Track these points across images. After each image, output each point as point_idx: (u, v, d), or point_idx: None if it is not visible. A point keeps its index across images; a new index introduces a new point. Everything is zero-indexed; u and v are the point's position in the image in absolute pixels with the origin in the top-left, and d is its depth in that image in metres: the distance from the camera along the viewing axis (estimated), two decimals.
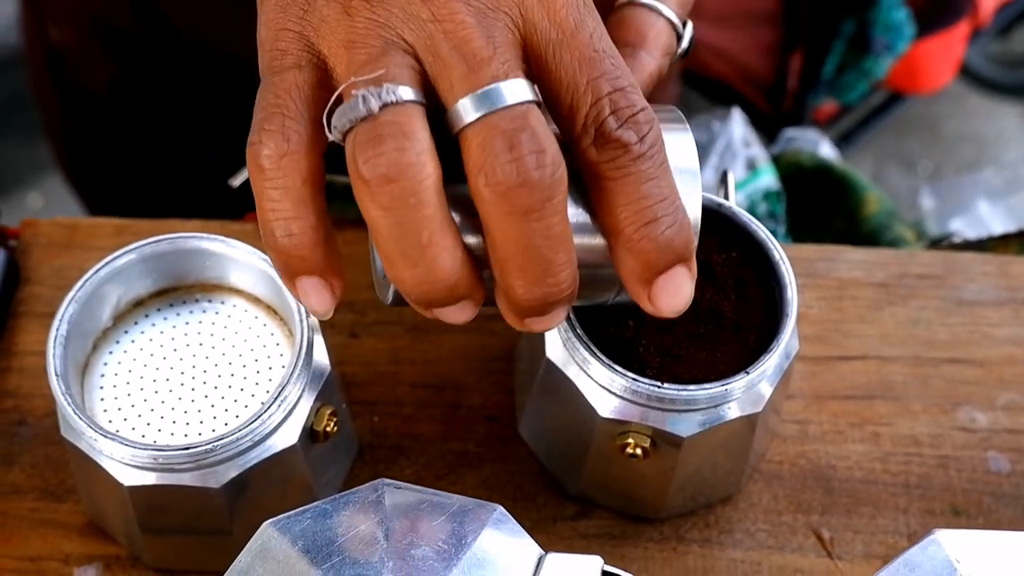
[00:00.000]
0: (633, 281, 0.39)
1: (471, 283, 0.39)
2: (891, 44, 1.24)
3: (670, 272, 0.39)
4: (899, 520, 0.54)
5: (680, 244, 0.39)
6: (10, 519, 0.53)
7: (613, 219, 0.38)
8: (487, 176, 0.36)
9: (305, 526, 0.43)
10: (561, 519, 0.54)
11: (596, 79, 0.38)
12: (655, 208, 0.38)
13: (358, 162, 0.36)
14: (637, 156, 0.37)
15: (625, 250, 0.39)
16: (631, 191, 0.38)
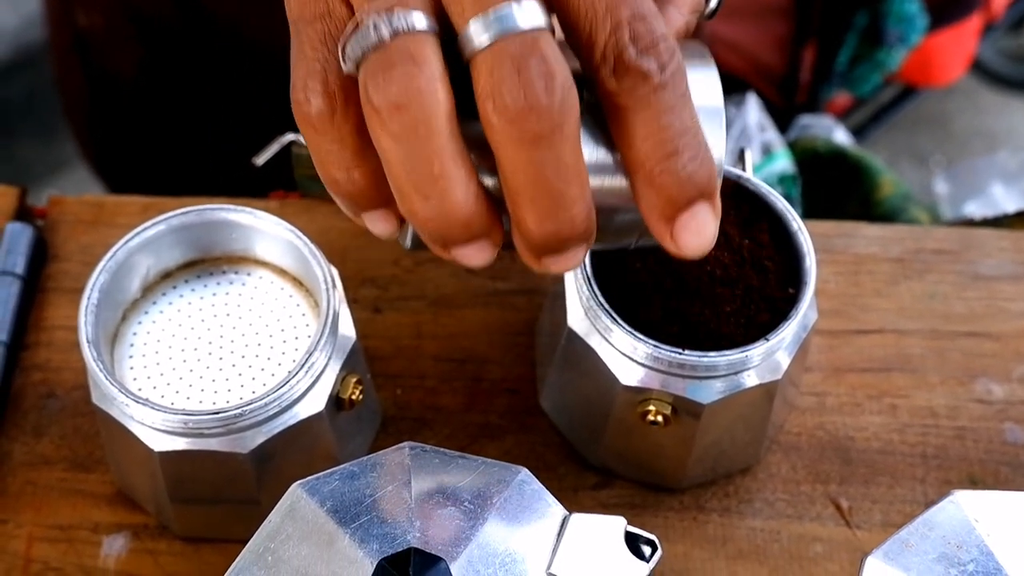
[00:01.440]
0: (655, 218, 0.38)
1: (487, 220, 0.38)
2: (904, 36, 1.24)
3: (693, 208, 0.37)
4: (916, 490, 0.55)
5: (703, 179, 0.37)
6: (40, 489, 0.53)
7: (633, 152, 0.37)
8: (495, 101, 0.35)
9: (333, 487, 0.43)
10: (582, 489, 0.55)
11: (615, 6, 0.37)
12: (676, 141, 0.37)
13: (368, 89, 0.36)
14: (657, 86, 0.36)
15: (646, 184, 0.37)
16: (651, 122, 0.36)
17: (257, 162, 0.60)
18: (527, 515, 0.43)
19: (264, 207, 0.61)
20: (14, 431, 0.55)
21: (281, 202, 0.62)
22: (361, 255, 0.60)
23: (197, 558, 0.52)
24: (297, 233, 0.50)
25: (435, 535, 0.42)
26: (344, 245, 0.60)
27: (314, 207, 0.62)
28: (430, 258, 0.60)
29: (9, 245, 0.58)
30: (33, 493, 0.53)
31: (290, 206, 0.62)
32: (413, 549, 0.40)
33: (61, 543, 0.52)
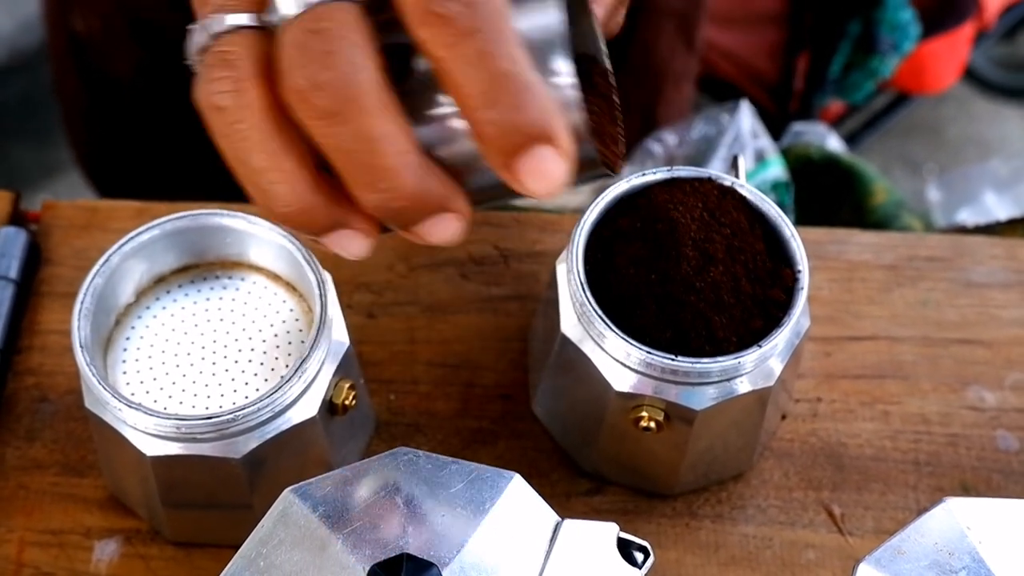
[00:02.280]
0: (497, 168, 0.36)
1: (331, 207, 0.37)
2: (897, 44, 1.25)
3: (528, 153, 0.35)
4: (909, 497, 0.55)
5: (530, 122, 0.35)
6: (32, 493, 0.53)
7: (460, 103, 0.35)
8: (284, 82, 0.35)
9: (326, 492, 0.43)
10: (575, 495, 0.55)
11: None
12: (496, 87, 0.35)
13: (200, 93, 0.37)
14: (464, 30, 0.34)
15: (479, 134, 0.36)
16: (467, 71, 0.35)
17: None
18: (520, 521, 0.43)
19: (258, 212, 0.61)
20: (7, 435, 0.55)
21: None
22: (355, 261, 0.60)
23: (189, 563, 0.52)
24: (291, 238, 0.50)
25: (427, 541, 0.42)
26: None
27: None
28: (424, 264, 0.60)
29: (2, 249, 0.58)
30: (25, 497, 0.53)
31: None
32: (405, 555, 0.40)
33: (53, 548, 0.52)
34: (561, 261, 0.52)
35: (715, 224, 0.50)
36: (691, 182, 0.52)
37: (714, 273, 0.49)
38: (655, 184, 0.52)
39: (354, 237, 0.38)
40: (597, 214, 0.52)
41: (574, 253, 0.50)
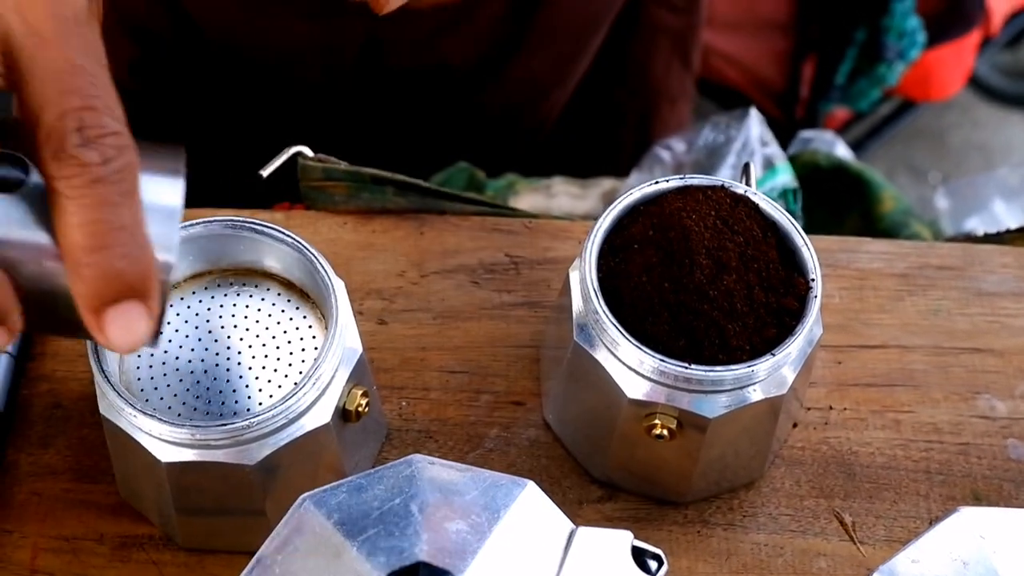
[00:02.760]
0: (84, 309, 0.37)
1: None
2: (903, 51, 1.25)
3: (121, 305, 0.37)
4: (920, 505, 0.55)
5: (134, 277, 0.37)
6: (46, 499, 0.53)
7: (66, 240, 0.37)
8: None
9: (341, 500, 0.43)
10: (587, 502, 0.55)
11: (67, 92, 0.37)
12: (107, 235, 0.36)
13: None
14: (96, 179, 0.36)
15: (75, 273, 0.37)
16: (85, 213, 0.36)
17: (263, 174, 0.60)
18: (534, 529, 0.43)
19: (269, 219, 0.61)
20: (20, 441, 0.55)
21: (286, 214, 0.62)
22: (366, 267, 0.60)
23: (201, 569, 0.52)
24: (305, 245, 0.50)
25: (442, 548, 0.42)
26: (349, 257, 0.61)
27: (319, 219, 0.62)
28: (436, 271, 0.61)
29: None
30: (39, 504, 0.53)
31: (295, 218, 0.62)
32: (421, 563, 0.40)
33: (66, 554, 0.52)
34: (574, 268, 0.52)
35: (728, 232, 0.50)
36: (704, 190, 0.52)
37: (728, 281, 0.49)
38: (668, 192, 0.52)
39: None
40: (610, 222, 0.52)
41: (587, 260, 0.50)
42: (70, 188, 0.36)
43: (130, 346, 0.38)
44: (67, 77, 0.37)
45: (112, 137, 0.37)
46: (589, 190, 0.88)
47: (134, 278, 0.37)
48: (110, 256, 0.36)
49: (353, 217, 0.62)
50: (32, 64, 0.37)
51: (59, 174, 0.36)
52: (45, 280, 0.38)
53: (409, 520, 0.43)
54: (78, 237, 0.36)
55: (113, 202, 0.36)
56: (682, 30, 0.93)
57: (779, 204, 0.81)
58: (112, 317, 0.37)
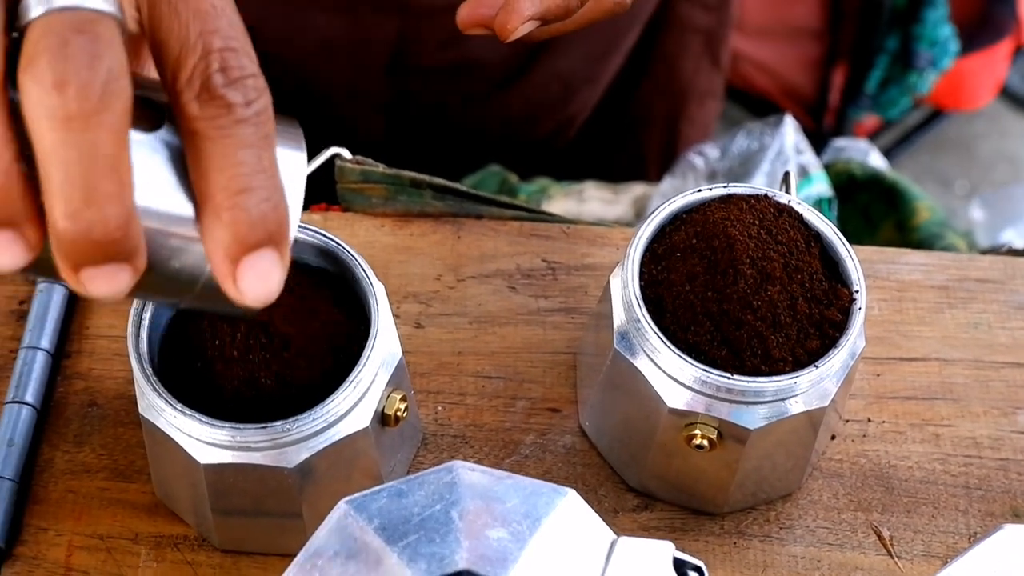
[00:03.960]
0: (220, 256, 0.36)
1: (16, 202, 0.34)
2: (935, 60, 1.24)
3: (260, 252, 0.35)
4: (959, 521, 0.54)
5: (274, 223, 0.35)
6: (81, 498, 0.53)
7: (205, 183, 0.35)
8: (33, 69, 0.33)
9: (381, 505, 0.43)
10: (623, 511, 0.54)
11: (209, 33, 0.36)
12: (252, 177, 0.35)
13: None
14: (240, 119, 0.35)
15: (215, 218, 0.35)
16: (229, 154, 0.35)
17: None
18: (575, 537, 0.43)
19: (307, 220, 0.61)
20: (56, 439, 0.55)
21: (323, 215, 0.62)
22: (403, 270, 0.60)
23: (236, 571, 0.52)
24: (346, 248, 0.50)
25: (483, 556, 0.42)
26: (386, 260, 0.60)
27: (356, 221, 0.62)
28: (472, 275, 0.60)
29: None
30: (74, 502, 0.53)
31: (332, 219, 0.62)
32: (466, 571, 0.40)
33: (100, 552, 0.52)
34: (615, 276, 0.52)
35: (772, 242, 0.50)
36: (747, 199, 0.52)
37: (771, 292, 0.49)
38: (711, 200, 0.52)
39: (15, 245, 0.35)
40: (652, 229, 0.51)
41: (629, 268, 0.50)
42: (215, 128, 0.35)
43: (264, 297, 0.36)
44: (209, 18, 0.36)
45: (253, 79, 0.36)
46: (620, 195, 0.88)
47: (274, 224, 0.36)
48: (254, 198, 0.35)
49: (390, 220, 0.62)
50: (173, 6, 0.36)
51: (203, 114, 0.35)
52: (166, 233, 0.36)
53: (450, 527, 0.42)
54: (221, 179, 0.35)
55: (256, 144, 0.35)
56: (713, 28, 0.93)
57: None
58: (250, 263, 0.35)
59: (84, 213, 0.33)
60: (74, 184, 0.33)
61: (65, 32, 0.33)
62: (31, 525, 0.53)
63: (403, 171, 0.61)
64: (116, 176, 0.34)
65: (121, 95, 0.33)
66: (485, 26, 0.50)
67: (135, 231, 0.35)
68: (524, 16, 0.49)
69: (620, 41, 0.89)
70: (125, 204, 0.34)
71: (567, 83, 0.89)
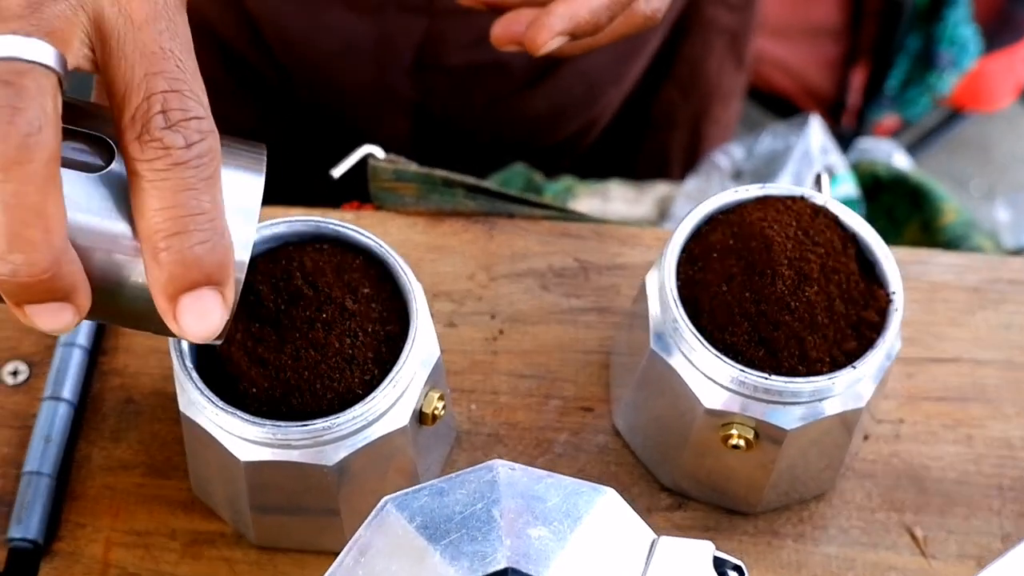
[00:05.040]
0: (158, 294, 0.37)
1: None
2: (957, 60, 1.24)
3: (197, 292, 0.37)
4: (992, 522, 0.55)
5: (211, 264, 0.37)
6: (118, 494, 0.54)
7: (144, 223, 0.36)
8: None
9: (423, 503, 0.43)
10: (656, 510, 0.55)
11: (153, 75, 0.37)
12: (188, 220, 0.36)
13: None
14: (179, 162, 0.36)
15: (151, 257, 0.37)
16: (166, 196, 0.36)
17: (335, 174, 0.60)
18: (615, 536, 0.43)
19: (338, 218, 0.61)
20: (93, 435, 0.55)
21: (356, 214, 0.62)
22: (435, 268, 0.60)
23: (272, 568, 0.52)
24: (385, 247, 0.50)
25: (524, 554, 0.42)
26: (418, 258, 0.61)
27: (388, 219, 0.62)
28: (505, 274, 0.60)
29: None
30: (111, 498, 0.54)
31: (365, 218, 0.62)
32: (510, 569, 0.40)
33: (138, 548, 0.52)
34: (650, 275, 0.52)
35: (809, 243, 0.50)
36: (784, 200, 0.52)
37: (809, 293, 0.49)
38: (747, 201, 0.52)
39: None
40: (689, 230, 0.51)
41: (665, 268, 0.50)
42: (152, 171, 0.36)
43: (204, 335, 0.38)
44: (156, 60, 0.37)
45: (196, 122, 0.37)
46: (644, 195, 0.88)
47: (211, 265, 0.37)
48: (189, 240, 0.36)
49: (423, 219, 0.62)
50: (122, 46, 0.37)
51: (141, 156, 0.36)
52: (116, 267, 0.38)
53: (491, 525, 0.43)
54: (157, 220, 0.36)
55: (194, 187, 0.36)
56: (737, 29, 0.93)
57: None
58: (187, 304, 0.37)
59: (8, 258, 0.34)
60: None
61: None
62: (69, 521, 0.53)
63: (435, 170, 0.62)
64: (40, 223, 0.35)
65: (44, 147, 0.34)
66: (518, 42, 0.52)
67: (66, 272, 0.36)
68: (554, 31, 0.50)
69: (645, 42, 0.89)
70: (51, 249, 0.35)
71: (592, 84, 0.89)
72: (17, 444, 0.55)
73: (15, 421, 0.55)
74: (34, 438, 0.54)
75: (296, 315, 0.47)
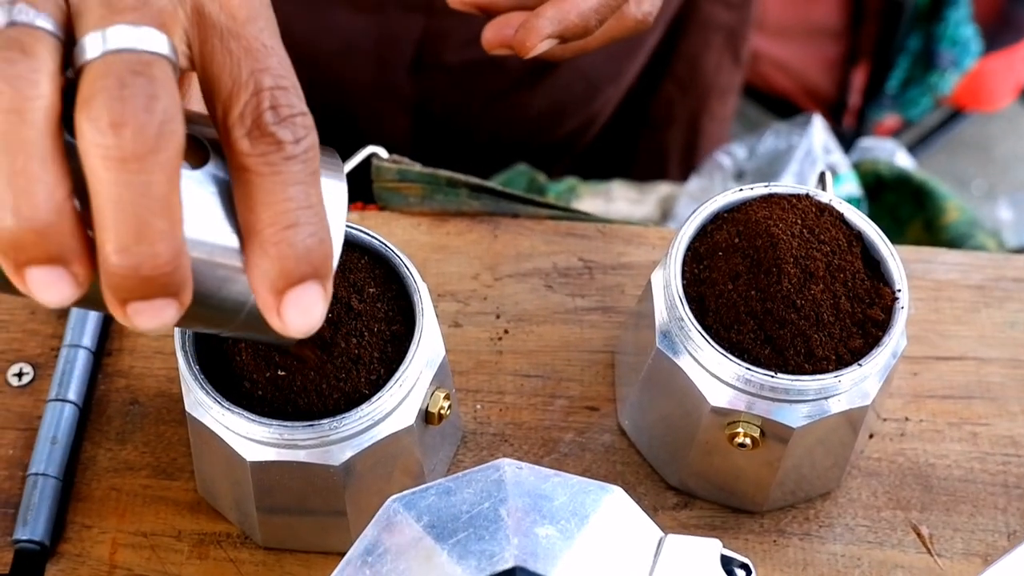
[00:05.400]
0: (265, 289, 0.37)
1: (67, 238, 0.34)
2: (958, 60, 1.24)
3: (304, 286, 0.37)
4: (998, 520, 0.55)
5: (319, 257, 0.37)
6: (124, 495, 0.54)
7: (253, 217, 0.36)
8: (89, 109, 0.34)
9: (430, 502, 0.43)
10: (662, 509, 0.55)
11: (260, 71, 0.37)
12: (299, 213, 0.36)
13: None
14: (289, 156, 0.36)
15: (261, 252, 0.36)
16: (277, 190, 0.36)
17: None
18: (622, 535, 0.43)
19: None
20: (98, 437, 0.55)
21: (360, 214, 0.62)
22: (440, 269, 0.60)
23: (279, 568, 0.52)
24: (390, 246, 0.50)
25: (532, 553, 0.42)
26: (423, 259, 0.61)
27: (393, 220, 0.62)
28: (509, 274, 0.60)
29: None
30: (117, 499, 0.54)
31: (369, 218, 0.62)
32: (518, 568, 0.40)
33: (144, 549, 0.52)
34: (656, 274, 0.52)
35: (814, 241, 0.50)
36: (788, 198, 0.52)
37: (815, 291, 0.49)
38: (752, 200, 0.52)
39: (63, 282, 0.35)
40: (694, 228, 0.51)
41: (671, 267, 0.50)
42: (265, 164, 0.36)
43: (306, 329, 0.37)
44: (261, 57, 0.37)
45: (301, 117, 0.37)
46: (646, 195, 0.88)
47: (319, 258, 0.37)
48: (301, 233, 0.36)
49: (427, 219, 0.62)
50: (226, 43, 0.37)
51: (254, 151, 0.36)
52: (212, 265, 0.37)
53: (498, 524, 0.43)
54: (269, 214, 0.36)
55: (304, 180, 0.37)
56: (735, 26, 0.93)
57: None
58: (295, 297, 0.37)
59: (135, 249, 0.34)
60: (127, 222, 0.34)
61: (122, 74, 0.34)
62: (75, 522, 0.53)
63: (439, 170, 0.62)
64: (168, 214, 0.35)
65: (175, 137, 0.34)
66: (508, 46, 0.52)
67: (183, 266, 0.36)
68: (542, 35, 0.50)
69: (643, 40, 0.89)
70: (175, 241, 0.35)
71: (590, 82, 0.90)
72: (23, 446, 0.55)
73: (20, 423, 0.55)
74: (39, 440, 0.54)
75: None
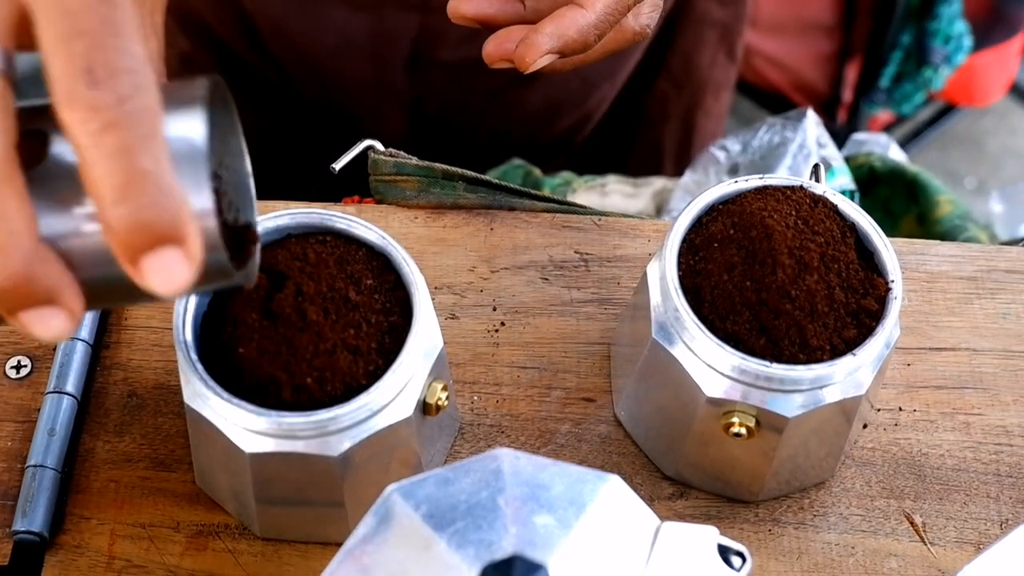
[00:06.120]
0: (122, 261, 0.35)
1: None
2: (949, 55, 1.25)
3: (156, 252, 0.35)
4: (991, 508, 0.55)
5: (163, 224, 0.34)
6: (123, 487, 0.54)
7: (92, 194, 0.34)
8: None
9: (428, 492, 0.44)
10: (658, 499, 0.55)
11: (71, 36, 0.34)
12: (130, 186, 0.34)
13: None
14: (110, 122, 0.34)
15: (107, 228, 0.35)
16: (104, 163, 0.34)
17: (335, 168, 0.60)
18: (620, 523, 0.44)
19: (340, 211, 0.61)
20: (97, 429, 0.55)
21: (357, 207, 0.62)
22: (437, 262, 0.61)
23: (277, 559, 0.53)
24: (388, 238, 0.50)
25: (530, 542, 0.42)
26: (420, 252, 0.61)
27: (390, 213, 0.62)
28: (506, 267, 0.61)
29: None
30: (116, 491, 0.54)
31: (366, 212, 0.62)
32: (516, 556, 0.41)
33: (143, 540, 0.53)
34: (652, 266, 0.53)
35: (809, 232, 0.50)
36: (783, 190, 0.52)
37: (809, 282, 0.49)
38: (746, 191, 0.52)
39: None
40: (690, 220, 0.52)
41: (667, 258, 0.50)
42: (85, 135, 0.34)
43: (174, 291, 0.35)
44: (73, 18, 0.34)
45: (127, 75, 0.34)
46: (641, 189, 0.88)
47: (163, 226, 0.35)
48: (136, 205, 0.34)
49: (424, 212, 0.62)
50: (43, 14, 0.35)
51: (74, 122, 0.34)
52: (88, 247, 0.37)
53: (496, 513, 0.43)
54: (103, 188, 0.34)
55: (131, 148, 0.34)
56: (729, 22, 0.93)
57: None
58: (149, 266, 0.35)
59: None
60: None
61: None
62: (73, 514, 0.53)
63: (435, 164, 0.62)
64: (4, 226, 0.34)
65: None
66: (509, 60, 0.52)
67: (43, 272, 0.35)
68: (542, 51, 0.51)
69: None
70: (20, 249, 0.34)
71: (586, 79, 0.90)
72: (21, 438, 0.55)
73: (19, 415, 0.56)
74: (38, 432, 0.54)
75: (299, 306, 0.48)
